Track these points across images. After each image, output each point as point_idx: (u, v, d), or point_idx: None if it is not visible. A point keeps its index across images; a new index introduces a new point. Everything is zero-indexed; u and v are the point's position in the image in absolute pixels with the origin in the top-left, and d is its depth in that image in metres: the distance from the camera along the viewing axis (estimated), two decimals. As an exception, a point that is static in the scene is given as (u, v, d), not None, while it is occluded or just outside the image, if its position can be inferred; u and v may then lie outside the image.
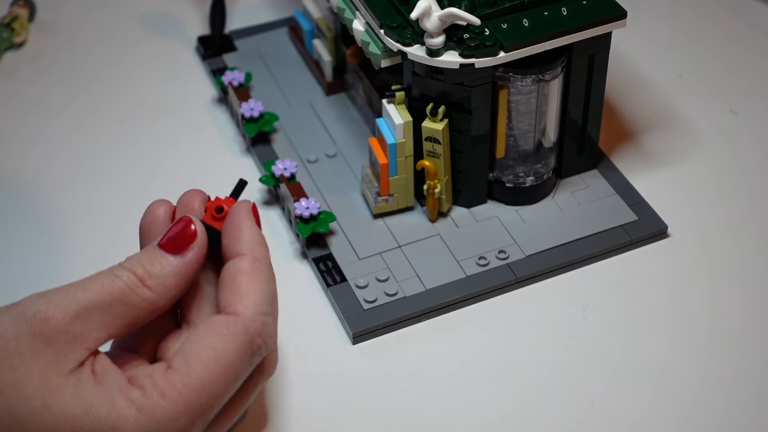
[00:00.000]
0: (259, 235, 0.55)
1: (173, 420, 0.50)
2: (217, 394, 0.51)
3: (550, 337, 0.66)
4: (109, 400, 0.50)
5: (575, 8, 0.67)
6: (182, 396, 0.50)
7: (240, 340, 0.52)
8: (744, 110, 0.80)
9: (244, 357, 0.52)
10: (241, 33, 0.86)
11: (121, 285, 0.52)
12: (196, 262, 0.54)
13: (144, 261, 0.53)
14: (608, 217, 0.71)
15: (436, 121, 0.68)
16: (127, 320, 0.52)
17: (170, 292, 0.53)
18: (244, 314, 0.52)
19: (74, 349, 0.51)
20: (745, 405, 0.62)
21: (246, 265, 0.54)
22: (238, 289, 0.53)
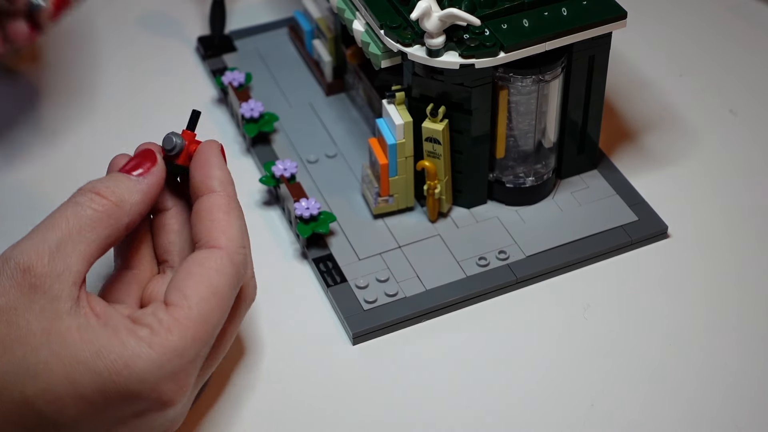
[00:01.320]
0: (229, 174, 0.59)
1: (182, 352, 0.52)
2: (216, 324, 0.54)
3: (550, 338, 0.66)
4: (118, 340, 0.52)
5: (575, 8, 0.67)
6: (188, 329, 0.53)
7: (228, 272, 0.55)
8: (744, 110, 0.80)
9: (232, 285, 0.55)
10: (241, 33, 0.86)
11: (86, 211, 0.55)
12: (157, 183, 0.58)
13: (108, 181, 0.56)
14: (608, 218, 0.71)
15: (436, 122, 0.68)
16: (100, 242, 0.55)
17: (135, 208, 0.56)
18: (228, 247, 0.56)
19: (63, 288, 0.52)
20: (745, 405, 0.62)
21: (223, 202, 0.57)
22: (219, 225, 0.56)
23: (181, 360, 0.52)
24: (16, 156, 0.77)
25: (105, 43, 0.86)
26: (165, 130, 0.79)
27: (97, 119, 0.80)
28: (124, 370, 0.51)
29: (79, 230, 0.54)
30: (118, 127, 0.79)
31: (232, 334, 0.58)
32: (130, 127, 0.79)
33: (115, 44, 0.86)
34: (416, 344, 0.66)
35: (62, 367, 0.51)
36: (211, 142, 0.60)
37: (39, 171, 0.76)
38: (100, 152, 0.78)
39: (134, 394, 0.52)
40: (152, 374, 0.52)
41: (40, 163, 0.77)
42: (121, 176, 0.57)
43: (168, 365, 0.52)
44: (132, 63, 0.85)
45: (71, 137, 0.79)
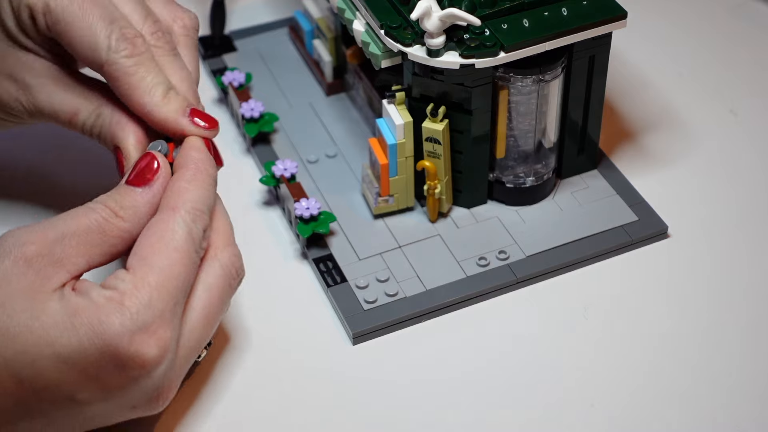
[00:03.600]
0: (206, 155, 0.60)
1: (151, 304, 0.53)
2: (179, 275, 0.55)
3: (550, 338, 0.66)
4: (91, 301, 0.53)
5: (575, 8, 0.67)
6: (150, 283, 0.54)
7: (180, 229, 0.56)
8: (744, 110, 0.80)
9: (188, 241, 0.56)
10: (241, 33, 0.86)
11: (96, 216, 0.56)
12: (162, 190, 0.58)
13: (115, 196, 0.58)
14: (608, 218, 0.71)
15: (436, 122, 0.68)
16: (105, 249, 0.56)
17: (143, 221, 0.57)
18: (177, 207, 0.57)
19: (56, 272, 0.54)
20: (745, 405, 0.62)
21: (188, 174, 0.58)
22: (178, 191, 0.58)
23: (150, 311, 0.53)
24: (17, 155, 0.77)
25: (105, 43, 0.86)
26: (165, 130, 0.79)
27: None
28: (99, 325, 0.52)
29: (87, 230, 0.56)
30: (118, 127, 0.79)
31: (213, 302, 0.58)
32: (130, 127, 0.79)
33: (115, 44, 0.86)
34: (416, 344, 0.66)
35: (40, 328, 0.52)
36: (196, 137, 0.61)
37: (39, 171, 0.76)
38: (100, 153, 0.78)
39: (111, 349, 0.52)
40: (126, 328, 0.52)
41: (40, 163, 0.77)
42: (128, 190, 0.58)
43: (138, 317, 0.53)
44: (132, 63, 0.85)
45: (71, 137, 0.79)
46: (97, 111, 0.63)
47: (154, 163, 0.59)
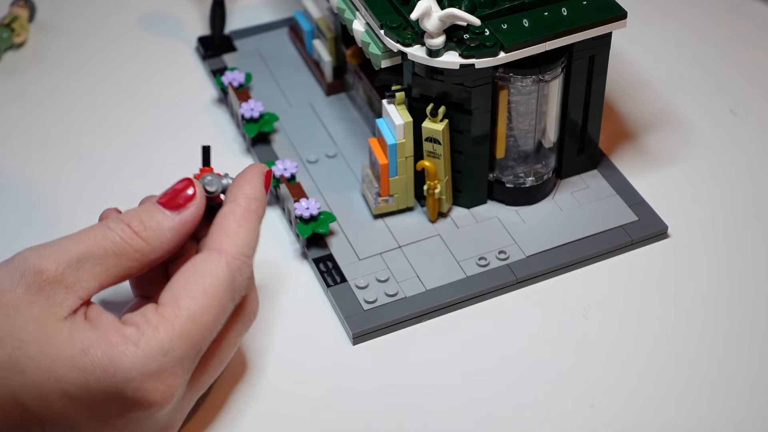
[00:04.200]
0: (260, 192, 0.58)
1: (168, 350, 0.52)
2: (207, 325, 0.54)
3: (550, 338, 0.66)
4: (105, 338, 0.52)
5: (575, 8, 0.67)
6: (175, 327, 0.52)
7: (222, 274, 0.54)
8: (744, 110, 0.80)
9: (227, 290, 0.55)
10: (241, 33, 0.86)
11: (114, 238, 0.54)
12: (192, 221, 0.56)
13: (142, 214, 0.55)
14: (608, 218, 0.71)
15: (436, 122, 0.68)
16: (119, 271, 0.54)
17: (164, 246, 0.55)
18: (228, 251, 0.55)
19: (66, 298, 0.53)
20: (745, 405, 0.62)
21: (239, 211, 0.57)
22: (225, 231, 0.56)
23: (167, 358, 0.52)
24: (17, 156, 0.77)
25: (105, 43, 0.86)
26: (165, 131, 0.79)
27: (97, 119, 0.80)
28: (110, 367, 0.51)
29: (104, 254, 0.54)
30: (118, 128, 0.79)
31: (229, 345, 0.58)
32: (129, 128, 0.79)
33: (116, 44, 0.86)
34: (416, 344, 0.66)
35: (49, 363, 0.51)
36: (258, 165, 0.59)
37: (39, 171, 0.76)
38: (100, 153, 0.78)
39: (119, 391, 0.52)
40: (137, 372, 0.51)
41: (40, 163, 0.77)
42: (155, 210, 0.56)
43: (153, 363, 0.52)
44: (132, 63, 0.85)
45: (72, 137, 0.79)
46: None
47: (189, 189, 0.56)
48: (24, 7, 0.86)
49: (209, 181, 0.58)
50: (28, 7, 0.86)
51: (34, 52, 0.86)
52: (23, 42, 0.86)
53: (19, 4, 0.86)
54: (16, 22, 0.85)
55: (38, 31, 0.87)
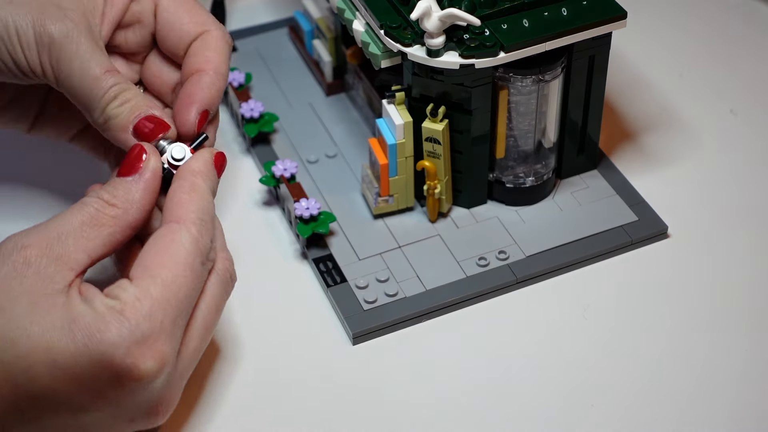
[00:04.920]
0: (206, 166, 0.60)
1: (152, 316, 0.53)
2: (183, 288, 0.55)
3: (550, 338, 0.66)
4: (92, 308, 0.53)
5: (575, 8, 0.67)
6: (154, 295, 0.54)
7: (186, 241, 0.56)
8: (744, 110, 0.80)
9: (194, 254, 0.56)
10: (241, 33, 0.86)
11: (89, 209, 0.56)
12: (153, 178, 0.58)
13: (107, 187, 0.58)
14: (608, 218, 0.71)
15: (436, 122, 0.68)
16: (104, 239, 0.56)
17: (135, 206, 0.57)
18: (184, 220, 0.57)
19: (57, 271, 0.54)
20: (745, 405, 0.62)
21: (185, 185, 0.58)
22: (178, 202, 0.58)
23: (150, 323, 0.53)
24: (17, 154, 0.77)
25: (105, 43, 0.86)
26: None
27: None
28: (97, 334, 0.52)
29: (81, 226, 0.56)
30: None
31: (210, 310, 0.58)
32: (130, 127, 0.79)
33: (115, 44, 0.86)
34: (416, 344, 0.66)
35: (39, 334, 0.52)
36: (208, 149, 0.61)
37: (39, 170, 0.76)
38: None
39: (107, 360, 0.52)
40: (124, 338, 0.52)
41: (40, 162, 0.77)
42: (118, 180, 0.58)
43: (138, 329, 0.53)
44: (132, 63, 0.85)
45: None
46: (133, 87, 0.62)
47: (142, 154, 0.59)
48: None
49: (177, 149, 0.60)
50: (28, 7, 0.86)
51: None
52: (23, 42, 0.86)
53: (19, 4, 0.86)
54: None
55: (38, 31, 0.87)
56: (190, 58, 0.64)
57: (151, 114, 0.61)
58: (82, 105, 0.62)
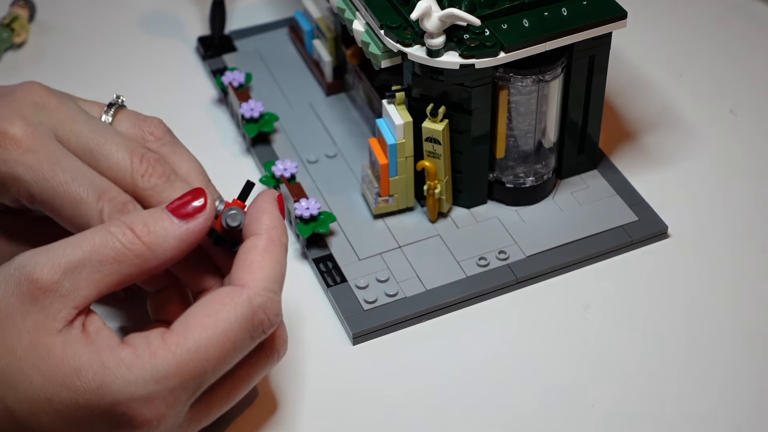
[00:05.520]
0: (279, 220, 0.56)
1: (162, 379, 0.50)
2: (212, 360, 0.52)
3: (550, 338, 0.66)
4: (99, 359, 0.51)
5: (575, 8, 0.67)
6: (175, 356, 0.51)
7: (242, 310, 0.52)
8: (744, 110, 0.80)
9: (245, 327, 0.52)
10: (241, 33, 0.86)
11: (115, 243, 0.52)
12: (198, 232, 0.54)
13: (147, 218, 0.53)
14: (608, 218, 0.71)
15: (436, 122, 0.68)
16: (118, 277, 0.53)
17: (167, 254, 0.53)
18: (249, 286, 0.53)
19: (62, 308, 0.51)
20: (745, 405, 0.62)
21: (261, 244, 0.54)
22: (249, 265, 0.53)
23: (159, 386, 0.51)
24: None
25: (105, 43, 0.86)
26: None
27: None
28: (100, 389, 0.50)
29: (101, 260, 0.52)
30: (118, 127, 0.79)
31: (244, 382, 0.56)
32: (130, 127, 0.79)
33: (115, 44, 0.86)
34: (416, 344, 0.66)
35: (42, 381, 0.51)
36: (268, 191, 0.57)
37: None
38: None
39: (105, 412, 0.51)
40: (125, 396, 0.50)
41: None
42: (162, 215, 0.54)
43: (143, 389, 0.50)
44: (132, 63, 0.85)
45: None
46: None
47: (199, 200, 0.54)
48: (24, 7, 0.86)
49: (233, 214, 0.56)
50: (28, 7, 0.87)
51: (34, 52, 0.86)
52: (23, 42, 0.86)
53: (19, 4, 0.86)
54: (16, 22, 0.85)
55: (38, 31, 0.87)
56: None
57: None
58: None
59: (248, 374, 0.56)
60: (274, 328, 0.54)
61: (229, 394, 0.55)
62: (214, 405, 0.55)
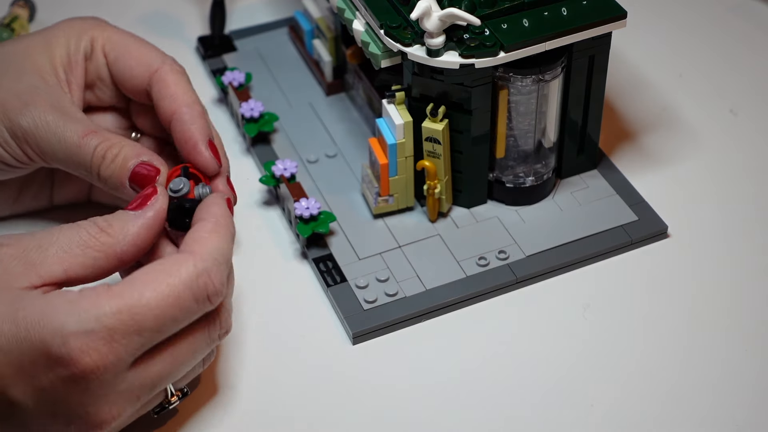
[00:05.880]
0: (228, 213, 0.59)
1: (102, 317, 0.52)
2: (154, 312, 0.53)
3: (550, 338, 0.66)
4: (45, 298, 0.53)
5: (575, 8, 0.67)
6: (116, 300, 0.53)
7: (186, 270, 0.55)
8: (744, 110, 0.80)
9: (188, 286, 0.54)
10: (241, 33, 0.86)
11: (81, 233, 0.56)
12: (154, 216, 0.58)
13: (107, 216, 0.57)
14: (608, 218, 0.71)
15: (436, 122, 0.68)
16: (85, 260, 0.55)
17: (128, 239, 0.56)
18: (196, 252, 0.56)
19: (26, 272, 0.54)
20: (745, 405, 0.62)
21: (209, 226, 0.57)
22: (196, 240, 0.57)
23: (98, 323, 0.52)
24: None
25: (105, 43, 0.86)
26: (165, 130, 0.79)
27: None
28: (41, 320, 0.52)
29: (69, 243, 0.55)
30: (118, 127, 0.79)
31: (187, 349, 0.56)
32: (130, 127, 0.79)
33: (115, 44, 0.86)
34: (416, 344, 0.66)
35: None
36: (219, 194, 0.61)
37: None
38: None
39: (45, 345, 0.52)
40: (65, 327, 0.52)
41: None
42: (121, 212, 0.58)
43: (82, 323, 0.52)
44: (132, 63, 0.85)
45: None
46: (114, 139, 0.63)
47: (153, 195, 0.58)
48: (24, 7, 0.86)
49: (175, 182, 0.60)
50: (28, 7, 0.87)
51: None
52: (23, 42, 0.86)
53: (19, 4, 0.86)
54: (16, 22, 0.85)
55: (38, 31, 0.87)
56: (158, 104, 0.65)
57: (141, 161, 0.61)
58: (80, 174, 0.63)
59: (191, 342, 0.56)
60: (219, 298, 0.56)
61: (173, 361, 0.56)
62: (157, 371, 0.55)
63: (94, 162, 0.62)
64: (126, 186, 0.62)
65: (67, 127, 0.62)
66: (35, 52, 0.66)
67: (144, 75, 0.66)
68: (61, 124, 0.62)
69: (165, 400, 0.58)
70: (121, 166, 0.62)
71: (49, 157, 0.63)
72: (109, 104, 0.68)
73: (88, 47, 0.67)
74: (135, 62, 0.66)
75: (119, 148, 0.62)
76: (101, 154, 0.62)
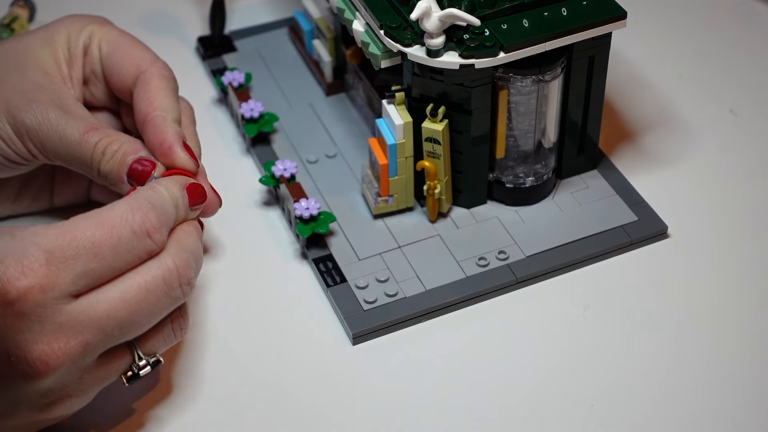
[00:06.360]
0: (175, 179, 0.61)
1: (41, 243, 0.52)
2: (93, 241, 0.53)
3: (550, 338, 0.66)
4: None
5: (575, 8, 0.67)
6: (55, 228, 0.53)
7: (120, 208, 0.55)
8: (744, 110, 0.80)
9: (124, 220, 0.55)
10: (241, 33, 0.86)
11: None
12: None
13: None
14: (608, 218, 0.71)
15: (436, 122, 0.68)
16: None
17: None
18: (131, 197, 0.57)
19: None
20: (745, 405, 0.62)
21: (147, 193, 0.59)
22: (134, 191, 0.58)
23: (36, 248, 0.52)
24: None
25: (105, 43, 0.86)
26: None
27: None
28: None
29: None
30: (118, 127, 0.79)
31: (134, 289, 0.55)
32: (130, 127, 0.79)
33: (115, 44, 0.86)
34: (416, 344, 0.66)
35: None
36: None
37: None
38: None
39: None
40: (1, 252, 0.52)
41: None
42: None
43: (21, 249, 0.52)
44: (132, 63, 0.85)
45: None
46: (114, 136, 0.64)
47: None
48: (24, 7, 0.86)
49: None
50: (28, 7, 0.87)
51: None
52: (23, 42, 0.86)
53: (19, 4, 0.86)
54: (16, 22, 0.85)
55: (38, 31, 0.87)
56: (135, 106, 0.65)
57: (138, 157, 0.62)
58: (81, 171, 0.64)
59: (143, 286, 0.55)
60: (159, 235, 0.56)
61: (123, 302, 0.54)
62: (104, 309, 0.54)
63: (94, 158, 0.62)
64: (125, 182, 0.62)
65: (69, 125, 0.63)
66: (38, 48, 0.66)
67: (131, 74, 0.66)
68: (62, 121, 0.63)
69: (133, 364, 0.57)
70: (120, 162, 0.62)
71: (51, 154, 0.64)
72: (102, 104, 0.69)
73: (87, 41, 0.67)
74: (126, 60, 0.66)
75: (119, 144, 0.63)
76: (101, 150, 0.62)
